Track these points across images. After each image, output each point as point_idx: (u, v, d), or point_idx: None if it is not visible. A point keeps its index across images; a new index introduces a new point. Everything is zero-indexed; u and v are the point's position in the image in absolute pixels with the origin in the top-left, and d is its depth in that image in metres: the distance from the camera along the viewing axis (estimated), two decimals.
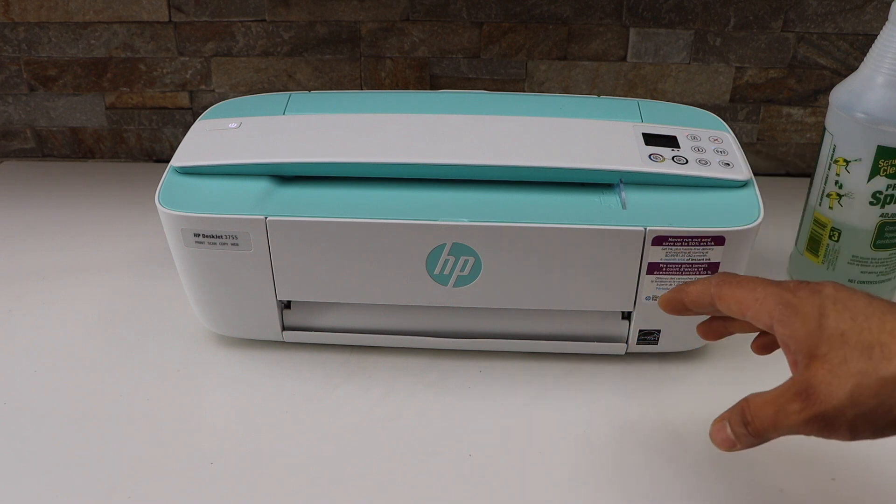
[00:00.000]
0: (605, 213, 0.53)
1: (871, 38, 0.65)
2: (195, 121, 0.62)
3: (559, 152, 0.56)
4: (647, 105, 0.63)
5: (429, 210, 0.53)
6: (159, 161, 0.90)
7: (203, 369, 0.60)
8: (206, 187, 0.55)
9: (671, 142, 0.58)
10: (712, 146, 0.58)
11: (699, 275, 0.54)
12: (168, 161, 0.58)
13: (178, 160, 0.57)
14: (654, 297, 0.55)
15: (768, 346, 0.46)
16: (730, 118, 0.84)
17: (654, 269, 0.54)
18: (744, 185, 0.55)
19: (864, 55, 0.60)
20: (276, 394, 0.57)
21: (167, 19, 0.82)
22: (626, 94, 0.84)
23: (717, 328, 0.47)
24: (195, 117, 0.74)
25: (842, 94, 0.61)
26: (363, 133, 0.58)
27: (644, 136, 0.58)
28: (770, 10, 0.79)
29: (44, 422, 0.55)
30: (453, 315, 0.59)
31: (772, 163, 0.88)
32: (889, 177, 0.60)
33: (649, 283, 0.55)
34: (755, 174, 0.56)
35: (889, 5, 0.58)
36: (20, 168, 0.89)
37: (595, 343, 0.59)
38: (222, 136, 0.59)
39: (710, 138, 0.59)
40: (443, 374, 0.59)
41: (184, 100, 0.86)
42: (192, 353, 0.61)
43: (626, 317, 0.58)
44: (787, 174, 0.88)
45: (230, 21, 0.81)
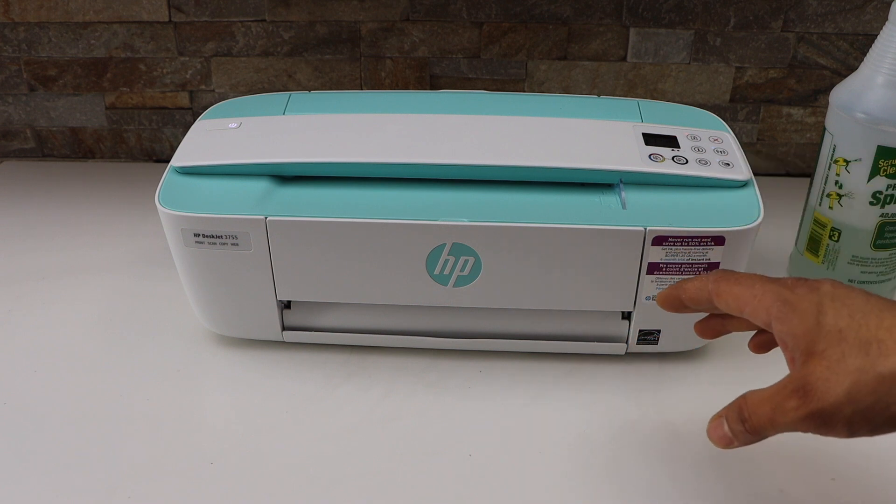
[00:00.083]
0: (605, 213, 0.53)
1: (871, 38, 0.65)
2: (195, 121, 0.62)
3: (559, 152, 0.56)
4: (647, 105, 0.63)
5: (429, 210, 0.53)
6: (159, 161, 0.90)
7: (203, 369, 0.60)
8: (206, 187, 0.55)
9: (671, 142, 0.58)
10: (712, 146, 0.58)
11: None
12: (168, 161, 0.58)
13: (178, 160, 0.57)
14: (654, 297, 0.55)
15: (765, 344, 0.46)
16: (730, 118, 0.84)
17: (654, 269, 0.54)
18: (744, 185, 0.55)
19: (864, 55, 0.60)
20: (276, 394, 0.57)
21: (167, 19, 0.82)
22: (626, 94, 0.84)
23: (714, 326, 0.47)
24: (195, 117, 0.74)
25: (842, 94, 0.61)
26: (363, 133, 0.58)
27: (644, 136, 0.58)
28: (770, 10, 0.79)
29: (44, 422, 0.55)
30: (453, 315, 0.59)
31: (772, 163, 0.88)
32: (889, 177, 0.60)
33: (649, 283, 0.55)
34: (755, 174, 0.56)
35: (889, 5, 0.58)
36: (20, 168, 0.89)
37: (595, 343, 0.59)
38: (222, 136, 0.59)
39: (710, 138, 0.59)
40: (443, 374, 0.59)
41: (184, 100, 0.86)
42: (192, 353, 0.61)
43: (626, 317, 0.58)
44: (787, 174, 0.88)
45: (230, 21, 0.81)
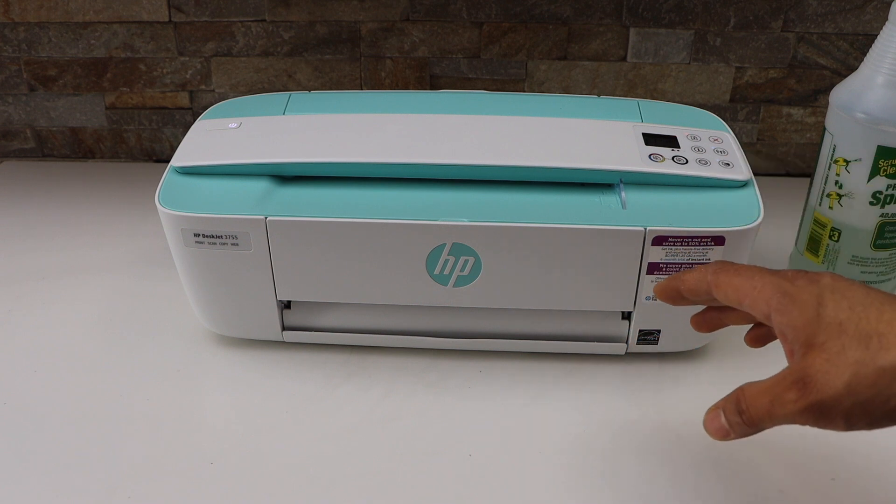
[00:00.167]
0: (605, 213, 0.53)
1: (871, 38, 0.65)
2: (195, 121, 0.62)
3: (559, 152, 0.56)
4: (647, 105, 0.63)
5: (429, 210, 0.53)
6: (159, 161, 0.90)
7: (203, 369, 0.60)
8: (206, 187, 0.55)
9: (671, 142, 0.58)
10: (712, 146, 0.58)
11: None
12: (168, 161, 0.58)
13: (178, 160, 0.57)
14: (654, 298, 0.55)
15: (762, 338, 0.45)
16: (730, 118, 0.84)
17: (654, 269, 0.54)
18: (744, 185, 0.55)
19: (864, 55, 0.60)
20: (276, 394, 0.57)
21: (167, 19, 0.82)
22: (626, 94, 0.84)
23: (711, 319, 0.47)
24: (195, 117, 0.74)
25: (842, 94, 0.61)
26: (363, 133, 0.58)
27: (644, 136, 0.58)
28: (770, 10, 0.79)
29: (44, 422, 0.55)
30: (453, 315, 0.59)
31: (772, 163, 0.88)
32: (889, 177, 0.60)
33: (649, 283, 0.55)
34: (755, 174, 0.56)
35: (889, 5, 0.58)
36: (20, 168, 0.89)
37: (595, 343, 0.59)
38: (222, 136, 0.59)
39: (710, 138, 0.59)
40: (443, 374, 0.59)
41: (184, 100, 0.86)
42: (192, 353, 0.61)
43: (626, 317, 0.58)
44: (787, 174, 0.88)
45: (230, 21, 0.81)
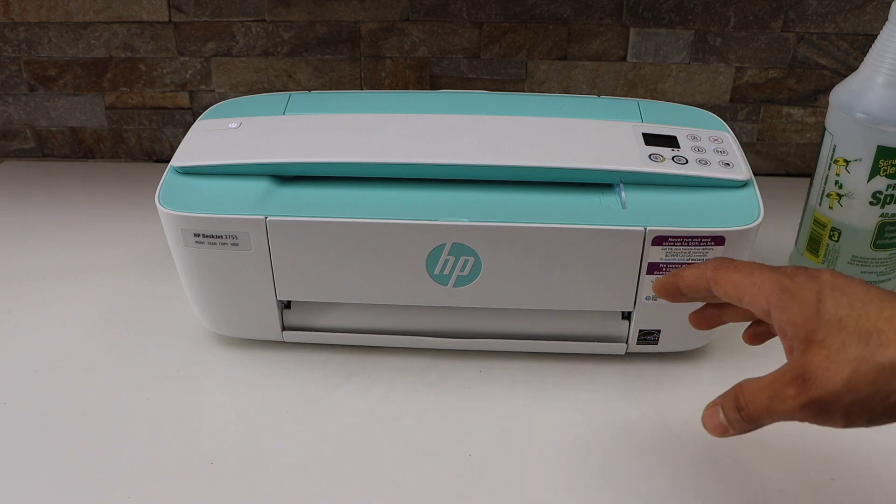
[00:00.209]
0: (605, 213, 0.53)
1: (871, 38, 0.65)
2: (195, 121, 0.62)
3: (559, 152, 0.56)
4: (647, 105, 0.63)
5: (429, 210, 0.53)
6: (159, 161, 0.90)
7: (203, 369, 0.60)
8: (206, 187, 0.55)
9: (671, 142, 0.58)
10: (712, 146, 0.58)
11: None
12: (168, 161, 0.58)
13: (178, 160, 0.57)
14: (654, 297, 0.55)
15: (760, 335, 0.45)
16: (730, 118, 0.84)
17: (654, 269, 0.54)
18: (744, 185, 0.55)
19: (864, 55, 0.60)
20: (276, 394, 0.57)
21: (167, 19, 0.82)
22: (626, 94, 0.84)
23: (710, 316, 0.47)
24: (195, 117, 0.74)
25: (842, 94, 0.61)
26: (363, 133, 0.58)
27: (644, 136, 0.58)
28: (770, 10, 0.79)
29: (44, 422, 0.55)
30: (453, 315, 0.59)
31: (772, 163, 0.88)
32: (889, 177, 0.60)
33: (649, 283, 0.55)
34: (755, 174, 0.56)
35: (889, 5, 0.58)
36: (20, 168, 0.89)
37: (595, 343, 0.59)
38: (222, 136, 0.59)
39: (710, 138, 0.59)
40: (443, 374, 0.59)
41: (184, 100, 0.86)
42: (192, 353, 0.61)
43: (626, 317, 0.58)
44: (787, 174, 0.88)
45: (230, 21, 0.81)
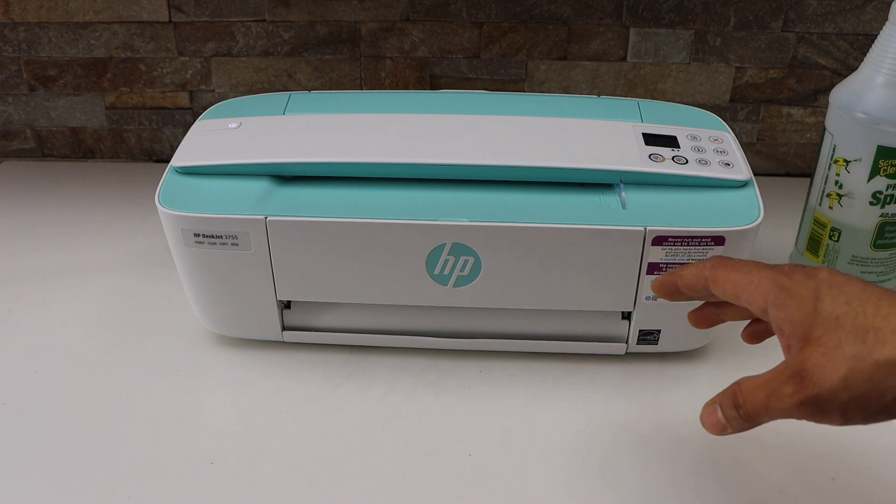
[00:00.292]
0: (605, 213, 0.53)
1: (871, 38, 0.65)
2: (195, 121, 0.62)
3: (559, 152, 0.56)
4: (647, 105, 0.63)
5: (429, 210, 0.53)
6: (159, 161, 0.90)
7: (203, 369, 0.60)
8: (206, 187, 0.55)
9: (671, 142, 0.58)
10: (712, 146, 0.58)
11: None
12: (168, 161, 0.58)
13: (178, 160, 0.57)
14: (654, 297, 0.55)
15: (759, 334, 0.46)
16: (730, 118, 0.84)
17: (654, 269, 0.54)
18: (744, 185, 0.55)
19: (864, 55, 0.60)
20: (276, 394, 0.57)
21: (167, 19, 0.82)
22: (626, 94, 0.84)
23: (709, 315, 0.47)
24: (195, 117, 0.74)
25: (842, 94, 0.61)
26: (363, 133, 0.58)
27: (644, 136, 0.58)
28: (770, 10, 0.79)
29: (44, 422, 0.55)
30: (453, 315, 0.59)
31: (772, 163, 0.88)
32: (889, 177, 0.60)
33: (649, 283, 0.55)
34: (755, 174, 0.56)
35: (889, 5, 0.58)
36: (20, 168, 0.89)
37: (595, 343, 0.59)
38: (222, 136, 0.59)
39: (710, 138, 0.59)
40: (443, 374, 0.59)
41: (184, 100, 0.86)
42: (192, 353, 0.61)
43: (626, 317, 0.58)
44: (787, 174, 0.88)
45: (230, 21, 0.81)
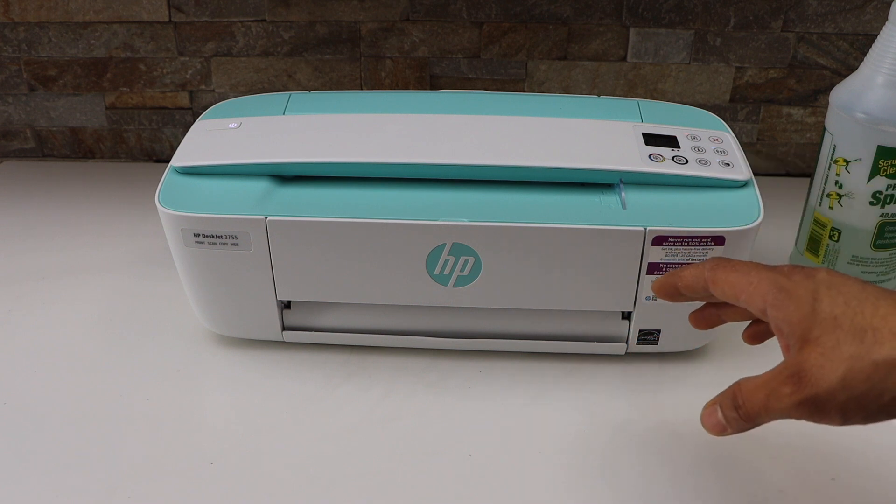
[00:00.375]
0: (605, 213, 0.53)
1: (871, 38, 0.65)
2: (195, 121, 0.62)
3: (559, 152, 0.56)
4: (647, 105, 0.63)
5: (429, 210, 0.53)
6: (159, 161, 0.90)
7: (203, 369, 0.60)
8: (206, 187, 0.55)
9: (671, 142, 0.58)
10: (712, 146, 0.58)
11: None
12: (168, 161, 0.58)
13: (178, 160, 0.57)
14: (654, 297, 0.55)
15: (759, 335, 0.46)
16: (730, 118, 0.84)
17: (654, 269, 0.54)
18: (744, 185, 0.55)
19: (864, 55, 0.60)
20: (276, 394, 0.57)
21: (167, 19, 0.82)
22: (626, 94, 0.84)
23: (709, 316, 0.47)
24: (195, 117, 0.74)
25: (842, 94, 0.61)
26: (363, 133, 0.58)
27: (644, 136, 0.58)
28: (770, 10, 0.79)
29: (44, 422, 0.55)
30: (453, 315, 0.59)
31: (772, 163, 0.88)
32: (889, 177, 0.60)
33: (649, 283, 0.55)
34: (755, 174, 0.56)
35: (889, 5, 0.58)
36: (20, 168, 0.89)
37: (595, 343, 0.59)
38: (222, 136, 0.59)
39: (710, 138, 0.59)
40: (443, 374, 0.59)
41: (184, 100, 0.86)
42: (192, 353, 0.61)
43: (626, 317, 0.58)
44: (787, 174, 0.88)
45: (230, 21, 0.81)
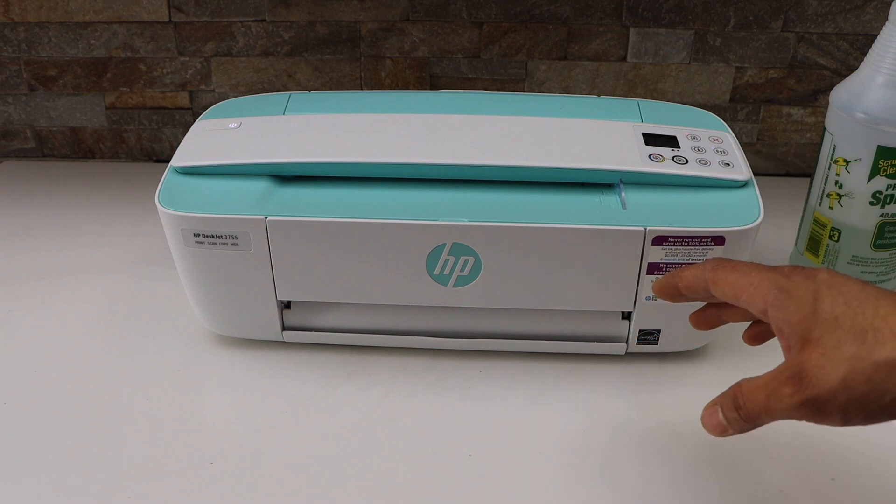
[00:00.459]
0: (605, 213, 0.53)
1: (871, 38, 0.65)
2: (195, 121, 0.62)
3: (559, 152, 0.56)
4: (647, 105, 0.63)
5: (429, 210, 0.53)
6: (159, 161, 0.90)
7: (203, 369, 0.60)
8: (206, 187, 0.55)
9: (671, 142, 0.58)
10: (712, 146, 0.58)
11: None
12: (168, 161, 0.58)
13: (178, 160, 0.57)
14: (654, 297, 0.55)
15: (760, 335, 0.46)
16: (730, 118, 0.84)
17: (654, 269, 0.54)
18: (744, 185, 0.55)
19: (864, 55, 0.60)
20: (276, 394, 0.57)
21: (167, 19, 0.82)
22: (626, 94, 0.84)
23: (710, 317, 0.47)
24: (195, 117, 0.74)
25: (842, 94, 0.61)
26: (363, 133, 0.58)
27: (644, 136, 0.58)
28: (770, 10, 0.79)
29: (44, 422, 0.55)
30: (453, 315, 0.59)
31: (772, 163, 0.88)
32: (889, 177, 0.60)
33: (649, 284, 0.55)
34: (755, 174, 0.56)
35: (889, 5, 0.58)
36: (20, 168, 0.89)
37: (595, 343, 0.59)
38: (222, 136, 0.59)
39: (710, 138, 0.59)
40: (443, 374, 0.59)
41: (184, 100, 0.86)
42: (192, 353, 0.61)
43: (626, 317, 0.58)
44: (787, 174, 0.88)
45: (230, 21, 0.81)
